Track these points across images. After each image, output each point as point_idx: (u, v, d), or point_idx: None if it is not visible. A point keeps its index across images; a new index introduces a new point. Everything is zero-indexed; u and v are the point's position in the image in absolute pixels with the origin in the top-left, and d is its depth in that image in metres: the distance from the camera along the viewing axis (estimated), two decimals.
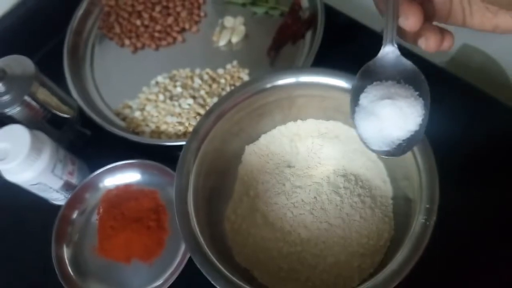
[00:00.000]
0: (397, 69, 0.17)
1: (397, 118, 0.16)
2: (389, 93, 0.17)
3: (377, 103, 0.17)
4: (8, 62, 0.30)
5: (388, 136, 0.17)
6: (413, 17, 0.15)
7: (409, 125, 0.17)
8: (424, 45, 0.17)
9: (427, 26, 0.16)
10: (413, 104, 0.16)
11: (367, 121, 0.17)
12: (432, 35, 0.16)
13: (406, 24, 0.16)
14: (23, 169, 0.27)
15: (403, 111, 0.16)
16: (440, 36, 0.16)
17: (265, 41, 0.36)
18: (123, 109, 0.35)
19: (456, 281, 0.26)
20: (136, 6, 0.40)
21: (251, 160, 0.28)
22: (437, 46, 0.16)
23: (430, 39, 0.16)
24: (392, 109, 0.16)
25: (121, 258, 0.29)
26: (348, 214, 0.25)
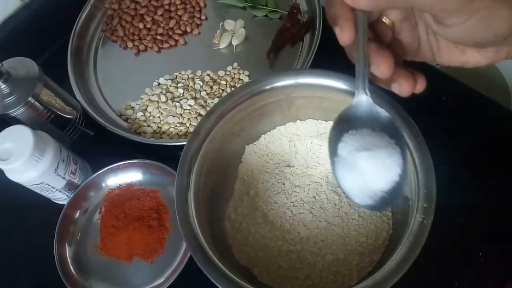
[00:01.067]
0: (372, 117, 0.17)
1: (378, 170, 0.16)
2: (366, 143, 0.17)
3: (356, 155, 0.16)
4: (13, 64, 0.31)
5: (370, 188, 0.17)
6: (384, 65, 0.15)
7: (389, 176, 0.16)
8: (398, 91, 0.16)
9: (399, 71, 0.16)
10: (391, 153, 0.16)
11: (348, 174, 0.17)
12: (404, 81, 0.16)
13: (378, 72, 0.16)
14: (26, 169, 0.28)
15: (382, 162, 0.16)
16: (413, 80, 0.16)
17: (265, 44, 0.36)
18: (126, 110, 0.36)
19: (454, 280, 0.26)
20: (138, 9, 0.40)
21: (251, 160, 0.29)
22: (410, 91, 0.16)
23: (402, 85, 0.16)
24: (372, 161, 0.16)
25: (123, 256, 0.29)
26: (346, 213, 0.25)
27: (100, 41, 0.40)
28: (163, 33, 0.39)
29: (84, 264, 0.30)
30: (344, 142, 0.17)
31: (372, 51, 0.16)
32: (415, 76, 0.16)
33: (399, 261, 0.20)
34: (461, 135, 0.31)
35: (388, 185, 0.16)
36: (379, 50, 0.16)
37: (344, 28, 0.15)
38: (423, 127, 0.23)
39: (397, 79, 0.16)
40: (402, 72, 0.16)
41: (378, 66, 0.16)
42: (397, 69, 0.16)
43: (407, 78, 0.16)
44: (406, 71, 0.16)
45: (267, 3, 0.39)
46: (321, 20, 0.35)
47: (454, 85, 0.33)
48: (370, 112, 0.17)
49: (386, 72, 0.16)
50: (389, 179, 0.16)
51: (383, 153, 0.16)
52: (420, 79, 0.17)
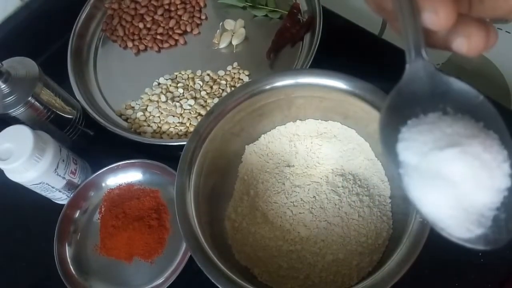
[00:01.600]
0: (438, 93, 0.11)
1: (477, 174, 0.10)
2: (447, 136, 0.10)
3: (435, 157, 0.10)
4: (13, 64, 0.31)
5: (472, 206, 0.10)
6: (445, 8, 0.10)
7: (497, 180, 0.10)
8: (465, 46, 0.11)
9: (463, 20, 0.11)
10: (489, 144, 0.10)
11: (432, 190, 0.10)
12: (475, 30, 0.11)
13: (436, 20, 0.10)
14: (26, 169, 0.28)
15: (482, 161, 0.10)
16: (485, 30, 0.11)
17: (265, 44, 0.36)
18: (126, 109, 0.36)
19: (454, 280, 0.26)
20: (138, 9, 0.40)
21: (251, 160, 0.29)
22: (483, 46, 0.11)
23: (473, 37, 0.11)
24: (465, 162, 0.10)
25: (123, 256, 0.29)
26: (346, 213, 0.25)
27: (100, 41, 0.40)
28: (163, 33, 0.39)
29: (84, 264, 0.30)
30: (408, 140, 0.11)
31: None
32: (486, 25, 0.11)
33: (399, 261, 0.20)
34: None
35: (499, 196, 0.10)
36: None
37: None
38: None
39: (464, 30, 0.11)
40: (467, 19, 0.11)
41: (435, 10, 0.10)
42: (465, 19, 0.11)
43: (477, 27, 0.11)
44: (472, 18, 0.11)
45: (267, 3, 0.38)
46: (321, 20, 0.35)
47: None
48: (435, 85, 0.11)
49: (447, 19, 0.10)
50: (498, 185, 0.10)
51: (478, 146, 0.10)
52: (493, 29, 0.11)
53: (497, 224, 0.10)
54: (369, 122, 0.25)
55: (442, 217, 0.10)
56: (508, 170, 0.10)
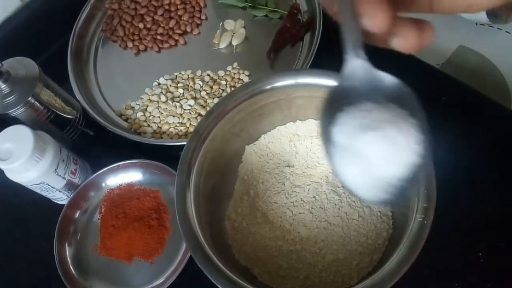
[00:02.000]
0: (373, 87, 0.13)
1: (387, 152, 0.12)
2: (371, 121, 0.12)
3: (359, 138, 0.12)
4: (13, 64, 0.31)
5: (381, 178, 0.12)
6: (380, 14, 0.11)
7: (405, 158, 0.12)
8: (401, 45, 0.12)
9: (399, 21, 0.12)
10: (403, 128, 0.12)
11: (351, 165, 0.12)
12: (409, 31, 0.12)
13: (372, 24, 0.11)
14: (26, 169, 0.28)
15: (395, 143, 0.12)
16: (418, 30, 0.12)
17: (265, 44, 0.36)
18: (126, 110, 0.36)
19: (454, 280, 0.26)
20: (138, 9, 0.40)
21: (251, 160, 0.29)
22: (417, 44, 0.12)
23: (407, 37, 0.12)
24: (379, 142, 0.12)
25: (123, 256, 0.29)
26: (346, 213, 0.25)
27: (100, 41, 0.40)
28: (163, 33, 0.39)
29: (84, 264, 0.30)
30: (341, 124, 0.13)
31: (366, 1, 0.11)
32: (420, 25, 0.12)
33: (399, 261, 0.20)
34: (461, 135, 0.31)
35: (405, 170, 0.12)
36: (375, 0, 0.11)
37: None
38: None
39: (399, 31, 0.12)
40: (403, 20, 0.12)
41: (371, 16, 0.11)
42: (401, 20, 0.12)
43: (411, 27, 0.12)
44: (407, 19, 0.12)
45: (267, 3, 0.39)
46: (321, 20, 0.35)
47: (454, 85, 0.33)
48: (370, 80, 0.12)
49: (383, 23, 0.11)
50: (405, 161, 0.12)
51: (394, 130, 0.12)
52: (427, 27, 0.12)
53: (400, 192, 0.12)
54: None
55: (358, 186, 0.13)
56: (419, 151, 0.12)
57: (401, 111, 0.13)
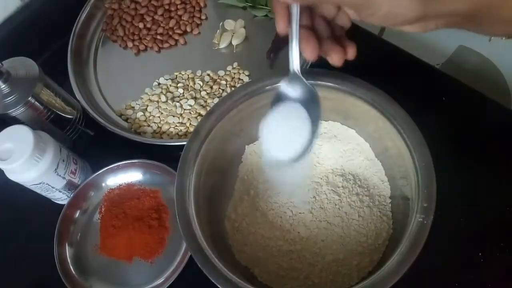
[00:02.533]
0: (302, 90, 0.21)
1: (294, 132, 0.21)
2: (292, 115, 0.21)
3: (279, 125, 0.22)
4: (13, 64, 0.31)
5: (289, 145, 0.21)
6: (308, 51, 0.19)
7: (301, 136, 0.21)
8: (331, 62, 0.20)
9: (330, 46, 0.19)
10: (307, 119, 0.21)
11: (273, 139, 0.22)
12: (334, 53, 0.19)
13: (305, 55, 0.19)
14: (26, 169, 0.28)
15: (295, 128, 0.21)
16: (342, 51, 0.19)
17: (265, 44, 0.36)
18: (126, 110, 0.36)
19: (454, 280, 0.26)
20: (138, 9, 0.40)
21: (251, 160, 0.29)
22: (341, 60, 0.19)
23: (332, 57, 0.19)
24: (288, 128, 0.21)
25: (123, 256, 0.29)
26: (346, 213, 0.25)
27: (100, 41, 0.40)
28: (163, 33, 0.39)
29: (84, 264, 0.30)
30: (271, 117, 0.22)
31: (302, 38, 0.19)
32: (345, 47, 0.20)
33: (399, 261, 0.20)
34: (461, 135, 0.31)
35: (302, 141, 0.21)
36: (308, 37, 0.19)
37: (279, 21, 0.19)
38: (422, 127, 0.23)
39: (328, 53, 0.19)
40: (332, 46, 0.19)
41: (304, 51, 0.19)
42: (328, 44, 0.19)
43: (336, 50, 0.19)
44: (336, 46, 0.19)
45: (267, 3, 0.38)
46: None
47: (454, 85, 0.33)
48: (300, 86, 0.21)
49: (310, 56, 0.19)
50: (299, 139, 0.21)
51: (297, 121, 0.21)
52: (350, 48, 0.20)
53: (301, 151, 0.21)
54: (369, 122, 0.25)
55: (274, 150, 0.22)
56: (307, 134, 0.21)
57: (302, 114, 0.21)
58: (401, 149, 0.24)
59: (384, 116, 0.24)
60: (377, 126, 0.25)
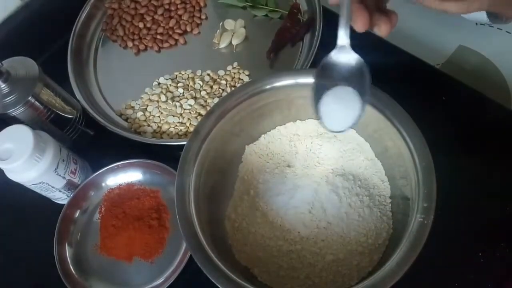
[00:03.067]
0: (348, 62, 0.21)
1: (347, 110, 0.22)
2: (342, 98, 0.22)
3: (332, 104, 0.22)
4: (13, 64, 0.31)
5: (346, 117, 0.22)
6: (360, 23, 0.20)
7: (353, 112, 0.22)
8: (378, 32, 0.21)
9: (378, 17, 0.20)
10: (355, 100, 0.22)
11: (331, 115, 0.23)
12: (383, 23, 0.20)
13: (356, 27, 0.20)
14: (26, 169, 0.28)
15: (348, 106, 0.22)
16: (389, 21, 0.20)
17: (265, 43, 0.36)
18: (126, 109, 0.36)
19: (454, 280, 0.26)
20: (138, 9, 0.40)
21: (251, 160, 0.29)
22: (389, 30, 0.21)
23: (382, 27, 0.20)
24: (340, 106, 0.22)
25: (123, 256, 0.29)
26: (346, 213, 0.25)
27: (100, 41, 0.40)
28: (163, 32, 0.39)
29: (84, 264, 0.30)
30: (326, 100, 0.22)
31: (353, 10, 0.20)
32: (391, 17, 0.21)
33: (399, 261, 0.20)
34: (461, 135, 0.31)
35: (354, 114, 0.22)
36: (359, 9, 0.20)
37: None
38: (422, 127, 0.23)
39: (377, 23, 0.20)
40: (380, 17, 0.20)
41: (356, 22, 0.20)
42: (376, 15, 0.20)
43: (384, 21, 0.20)
44: (383, 16, 0.20)
45: (267, 3, 0.39)
46: (321, 20, 0.35)
47: (454, 85, 0.33)
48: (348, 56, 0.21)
49: (361, 28, 0.20)
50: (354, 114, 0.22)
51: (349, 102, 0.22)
52: (394, 16, 0.21)
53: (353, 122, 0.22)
54: (369, 122, 0.25)
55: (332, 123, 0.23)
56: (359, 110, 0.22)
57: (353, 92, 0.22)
58: (401, 149, 0.24)
59: (384, 116, 0.24)
60: (377, 126, 0.25)
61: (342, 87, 0.22)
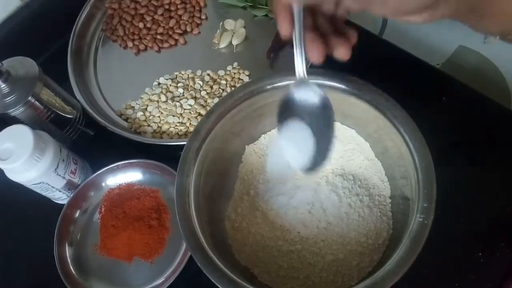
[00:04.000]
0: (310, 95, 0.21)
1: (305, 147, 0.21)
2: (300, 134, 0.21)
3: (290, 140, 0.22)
4: (13, 64, 0.31)
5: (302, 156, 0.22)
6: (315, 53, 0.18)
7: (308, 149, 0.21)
8: (338, 56, 0.19)
9: (333, 41, 0.19)
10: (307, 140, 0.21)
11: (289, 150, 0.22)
12: (340, 46, 0.19)
13: (311, 59, 0.19)
14: (26, 169, 0.28)
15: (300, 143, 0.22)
16: (347, 41, 0.19)
17: (265, 43, 0.36)
18: (126, 109, 0.36)
19: (454, 280, 0.26)
20: (138, 9, 0.40)
21: (251, 160, 0.29)
22: (349, 52, 0.19)
23: (340, 50, 0.19)
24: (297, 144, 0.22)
25: (123, 256, 0.29)
26: (346, 213, 0.25)
27: (100, 41, 0.40)
28: (163, 32, 0.39)
29: (84, 264, 0.30)
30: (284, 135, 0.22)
31: (307, 40, 0.18)
32: (349, 37, 0.19)
33: (399, 261, 0.20)
34: (461, 135, 0.31)
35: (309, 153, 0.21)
36: (312, 40, 0.18)
37: (282, 23, 0.18)
38: (422, 127, 0.23)
39: (335, 47, 0.19)
40: (338, 39, 0.19)
41: (310, 55, 0.19)
42: (333, 39, 0.19)
43: (342, 43, 0.19)
44: (341, 38, 0.19)
45: (267, 3, 0.38)
46: None
47: (454, 85, 0.33)
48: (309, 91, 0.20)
49: (317, 59, 0.19)
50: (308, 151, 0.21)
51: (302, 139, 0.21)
52: (352, 34, 0.19)
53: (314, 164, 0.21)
54: (369, 122, 0.25)
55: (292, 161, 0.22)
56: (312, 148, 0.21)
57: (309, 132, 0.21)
58: (401, 149, 0.24)
59: (384, 116, 0.24)
60: (377, 126, 0.25)
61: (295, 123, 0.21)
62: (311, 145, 0.21)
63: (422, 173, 0.22)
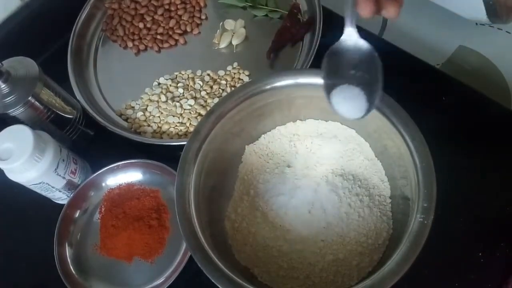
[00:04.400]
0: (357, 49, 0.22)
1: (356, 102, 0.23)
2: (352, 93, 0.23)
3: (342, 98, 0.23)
4: (13, 64, 0.31)
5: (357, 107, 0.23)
6: (366, 7, 0.20)
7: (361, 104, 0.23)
8: (387, 15, 0.20)
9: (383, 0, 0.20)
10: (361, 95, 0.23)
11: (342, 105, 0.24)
12: (389, 5, 0.20)
13: (362, 13, 0.20)
14: (26, 169, 0.28)
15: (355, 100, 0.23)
16: (396, 2, 0.20)
17: (265, 43, 0.36)
18: (126, 109, 0.36)
19: (454, 280, 0.26)
20: (138, 9, 0.40)
21: (251, 160, 0.29)
22: (397, 10, 0.20)
23: (389, 9, 0.20)
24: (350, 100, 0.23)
25: (123, 256, 0.29)
26: (346, 213, 0.25)
27: (100, 41, 0.40)
28: (163, 32, 0.39)
29: (84, 264, 0.30)
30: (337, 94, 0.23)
31: None
32: None
33: (399, 261, 0.20)
34: (461, 135, 0.31)
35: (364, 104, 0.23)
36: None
37: None
38: (423, 127, 0.23)
39: (384, 6, 0.20)
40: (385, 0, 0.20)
41: (361, 8, 0.20)
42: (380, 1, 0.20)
43: (392, 3, 0.20)
44: None
45: (267, 3, 0.39)
46: (321, 20, 0.35)
47: (454, 85, 0.33)
48: (355, 45, 0.22)
49: (367, 13, 0.20)
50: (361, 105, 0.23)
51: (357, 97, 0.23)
52: None
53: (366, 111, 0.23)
54: (369, 122, 0.25)
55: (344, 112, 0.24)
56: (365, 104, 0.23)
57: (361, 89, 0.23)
58: (401, 149, 0.24)
59: (384, 116, 0.24)
60: (377, 126, 0.25)
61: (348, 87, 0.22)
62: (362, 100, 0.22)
63: (422, 173, 0.22)
